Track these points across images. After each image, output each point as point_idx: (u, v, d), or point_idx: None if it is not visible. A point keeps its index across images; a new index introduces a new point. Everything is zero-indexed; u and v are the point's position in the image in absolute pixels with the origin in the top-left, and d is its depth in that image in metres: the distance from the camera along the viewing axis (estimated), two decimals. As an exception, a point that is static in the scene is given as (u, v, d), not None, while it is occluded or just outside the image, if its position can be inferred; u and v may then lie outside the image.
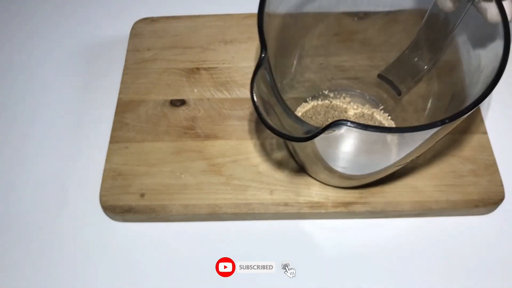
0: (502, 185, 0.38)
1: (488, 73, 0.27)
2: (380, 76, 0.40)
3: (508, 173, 0.39)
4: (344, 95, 0.42)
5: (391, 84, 0.39)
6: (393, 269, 0.37)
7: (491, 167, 0.39)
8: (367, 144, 0.29)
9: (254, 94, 0.25)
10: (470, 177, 0.39)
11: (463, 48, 0.33)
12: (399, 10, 0.38)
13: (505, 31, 0.27)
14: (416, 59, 0.38)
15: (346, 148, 0.29)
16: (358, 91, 0.42)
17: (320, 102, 0.42)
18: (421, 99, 0.39)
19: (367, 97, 0.42)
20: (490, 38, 0.28)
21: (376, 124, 0.28)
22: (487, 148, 0.40)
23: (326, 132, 0.24)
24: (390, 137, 0.27)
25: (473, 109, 0.25)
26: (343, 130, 0.24)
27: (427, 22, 0.35)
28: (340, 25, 0.39)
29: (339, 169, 0.34)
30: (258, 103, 0.25)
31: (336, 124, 0.24)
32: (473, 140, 0.41)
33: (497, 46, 0.27)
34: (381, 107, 0.42)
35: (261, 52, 0.26)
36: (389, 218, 0.39)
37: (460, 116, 0.25)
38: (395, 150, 0.29)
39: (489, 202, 0.38)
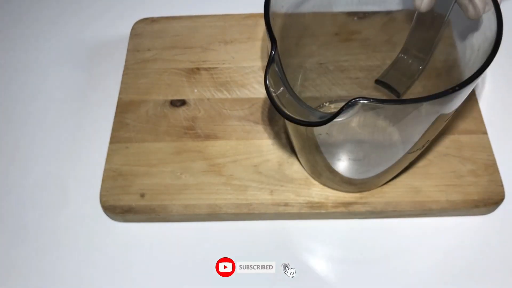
0: (502, 185, 0.38)
1: (486, 47, 0.27)
2: (377, 81, 0.40)
3: (508, 173, 0.39)
4: None
5: (389, 87, 0.39)
6: (394, 269, 0.37)
7: (491, 167, 0.39)
8: (379, 124, 0.29)
9: (269, 86, 0.26)
10: (470, 177, 0.39)
11: (456, 38, 0.33)
12: (400, 9, 0.38)
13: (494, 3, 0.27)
14: (410, 60, 0.38)
15: (358, 133, 0.29)
16: None
17: None
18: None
19: None
20: (481, 21, 0.28)
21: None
22: (487, 148, 0.40)
23: (343, 113, 0.24)
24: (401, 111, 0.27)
25: (479, 76, 0.25)
26: (359, 107, 0.24)
27: (417, 21, 0.35)
28: (340, 25, 0.39)
29: (345, 167, 0.34)
30: (273, 95, 0.26)
31: (353, 102, 0.24)
32: (473, 140, 0.40)
33: (490, 20, 0.27)
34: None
35: (271, 49, 0.26)
36: (389, 218, 0.39)
37: (470, 82, 0.24)
38: (403, 132, 0.29)
39: (489, 202, 0.38)
